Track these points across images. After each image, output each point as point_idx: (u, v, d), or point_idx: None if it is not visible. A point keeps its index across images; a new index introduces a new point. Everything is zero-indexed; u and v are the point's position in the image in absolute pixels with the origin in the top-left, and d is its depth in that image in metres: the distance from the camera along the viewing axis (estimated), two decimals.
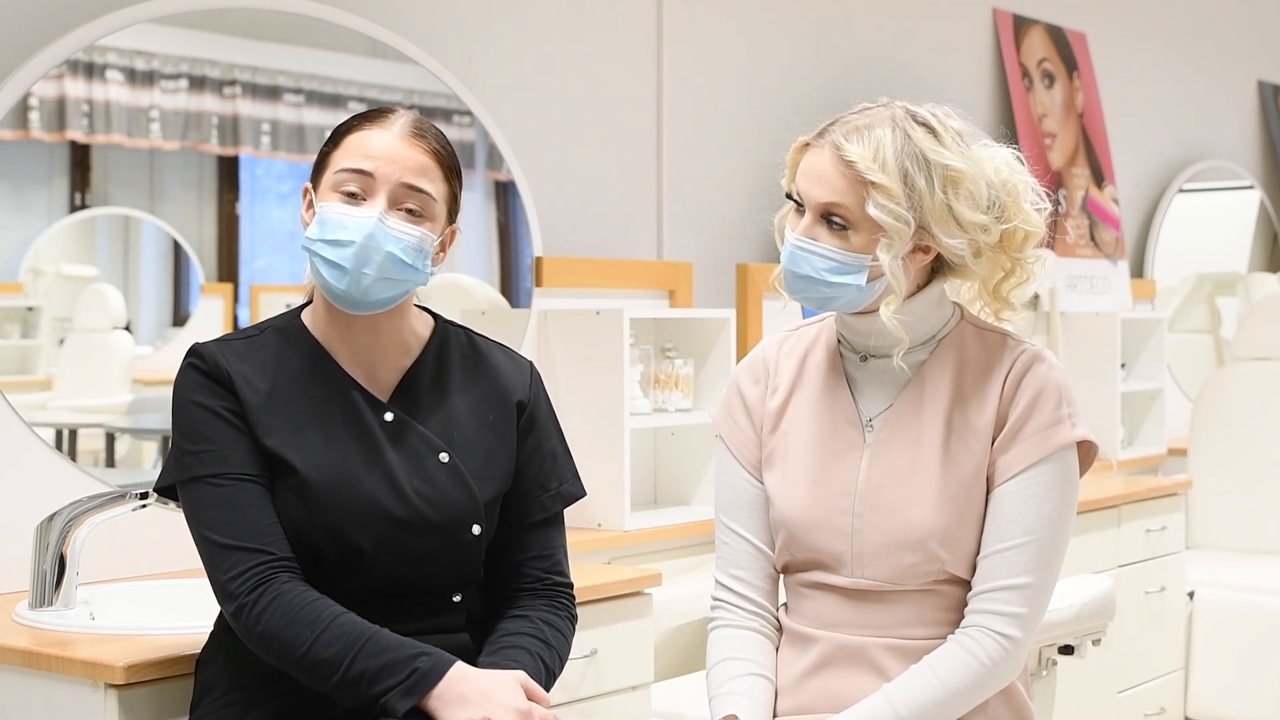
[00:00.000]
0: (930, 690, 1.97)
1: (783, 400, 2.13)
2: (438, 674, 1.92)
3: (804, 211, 2.02)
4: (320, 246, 1.99)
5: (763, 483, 2.13)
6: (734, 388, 2.18)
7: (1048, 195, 2.06)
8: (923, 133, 1.98)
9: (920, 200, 1.95)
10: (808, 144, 2.05)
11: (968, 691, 1.98)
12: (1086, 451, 2.06)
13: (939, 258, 2.03)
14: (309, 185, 2.06)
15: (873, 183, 1.95)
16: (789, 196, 2.06)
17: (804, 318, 2.31)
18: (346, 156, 2.02)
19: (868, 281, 1.99)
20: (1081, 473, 2.06)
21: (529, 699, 1.94)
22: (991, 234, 1.99)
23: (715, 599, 2.15)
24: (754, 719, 2.02)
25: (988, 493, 2.03)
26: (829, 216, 1.99)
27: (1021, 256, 2.04)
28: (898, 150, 1.96)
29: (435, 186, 2.04)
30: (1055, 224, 5.03)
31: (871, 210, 1.95)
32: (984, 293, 2.08)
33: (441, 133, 2.10)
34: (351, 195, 2.01)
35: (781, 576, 2.15)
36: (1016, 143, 2.11)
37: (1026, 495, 1.99)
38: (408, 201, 2.02)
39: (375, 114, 2.06)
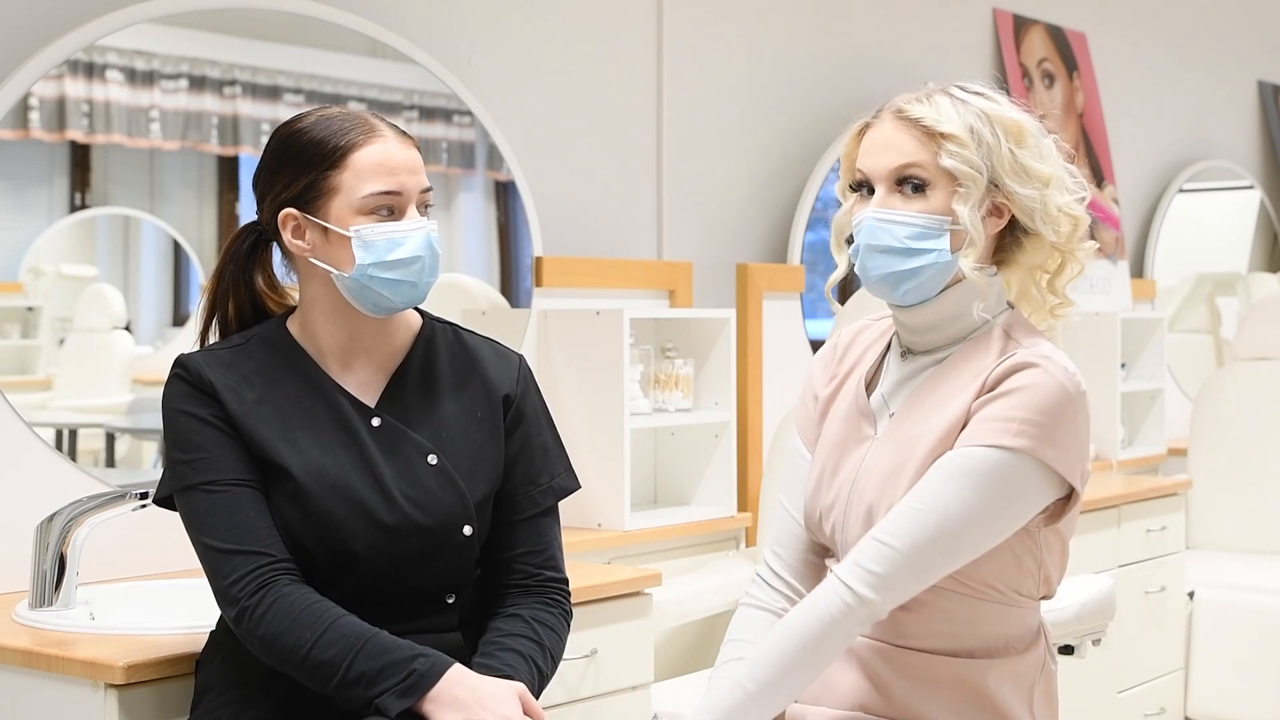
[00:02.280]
0: (769, 653, 1.93)
1: (834, 390, 2.13)
2: (434, 676, 1.92)
3: (871, 193, 2.00)
4: (378, 270, 2.00)
5: None
6: (809, 369, 2.21)
7: (1083, 183, 2.06)
8: (978, 98, 2.01)
9: (989, 153, 1.97)
10: (867, 124, 2.04)
11: (809, 644, 1.90)
12: (1071, 498, 1.95)
13: (998, 245, 2.02)
14: (295, 211, 2.03)
15: (943, 134, 1.96)
16: (852, 188, 2.04)
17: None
18: (368, 179, 2.00)
19: (951, 251, 1.96)
20: (1066, 514, 1.97)
21: (525, 712, 1.94)
22: (1060, 190, 1.99)
23: (756, 574, 2.16)
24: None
25: None
26: (904, 181, 1.98)
27: (1072, 247, 2.03)
28: (960, 110, 1.98)
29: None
30: None
31: (945, 161, 1.95)
32: (1036, 288, 2.05)
33: None
34: (389, 212, 2.02)
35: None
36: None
37: (942, 469, 1.92)
38: (425, 201, 2.06)
39: (355, 123, 2.04)
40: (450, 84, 3.32)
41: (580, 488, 2.23)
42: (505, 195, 3.54)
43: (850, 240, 2.03)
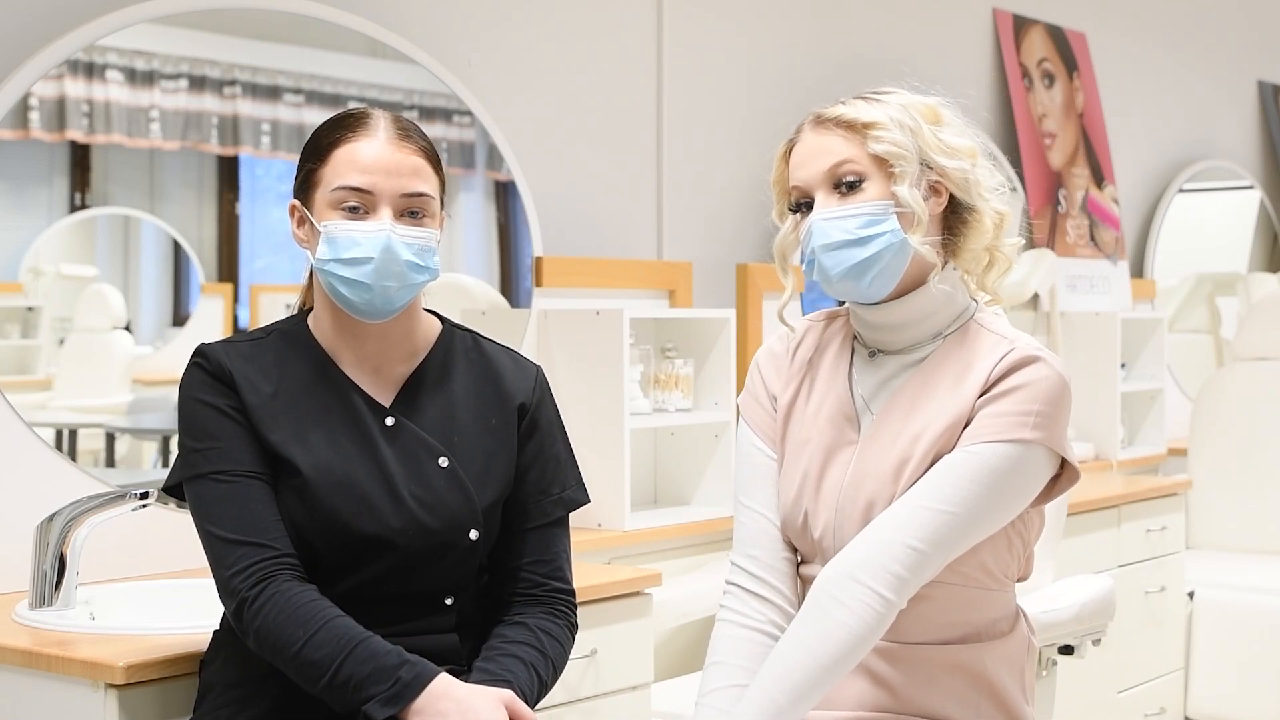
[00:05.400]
0: (800, 665, 1.92)
1: (795, 392, 2.13)
2: (419, 686, 1.91)
3: (810, 208, 2.03)
4: (335, 267, 2.00)
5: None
6: (754, 368, 2.19)
7: (1011, 183, 2.08)
8: (889, 94, 2.06)
9: (913, 135, 2.00)
10: (791, 143, 2.08)
11: (844, 655, 1.92)
12: (1069, 473, 2.01)
13: (946, 229, 2.04)
14: (297, 202, 2.06)
15: (865, 124, 2.00)
16: (793, 210, 2.07)
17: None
18: (340, 174, 2.00)
19: (898, 229, 1.98)
20: (1056, 492, 2.02)
21: (513, 718, 1.94)
22: (979, 165, 2.04)
23: (728, 583, 2.11)
24: None
25: None
26: (839, 181, 2.01)
27: (997, 244, 2.06)
28: (875, 105, 2.03)
29: (430, 185, 2.05)
30: (1055, 224, 5.04)
31: (874, 148, 1.99)
32: (968, 286, 2.09)
33: (418, 125, 2.10)
34: (354, 209, 2.01)
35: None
36: (1017, 143, 2.13)
37: (963, 469, 1.95)
38: (410, 206, 2.03)
39: (353, 120, 2.04)
40: (450, 84, 3.32)
41: (590, 502, 2.22)
42: (505, 195, 3.54)
43: (801, 260, 2.05)
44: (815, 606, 1.95)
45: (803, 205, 2.05)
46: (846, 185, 2.01)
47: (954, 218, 2.06)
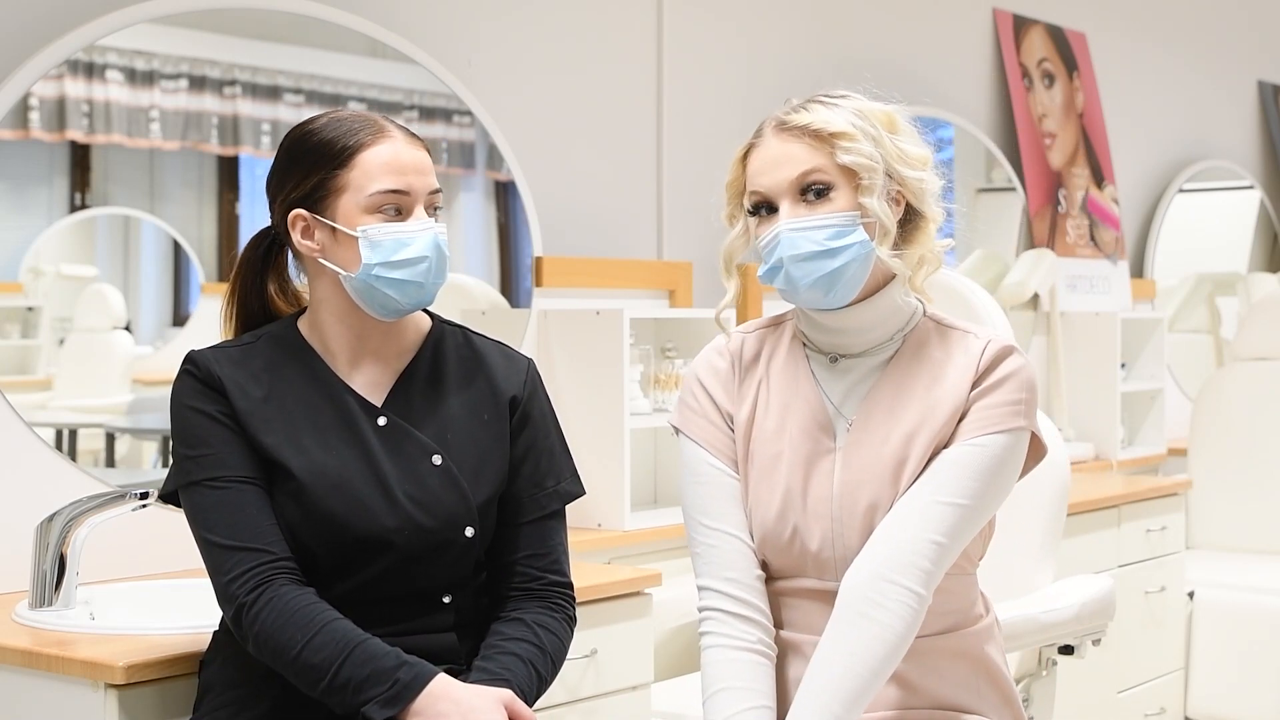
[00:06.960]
0: (850, 676, 1.92)
1: (751, 408, 2.09)
2: (418, 686, 1.92)
3: (773, 211, 2.01)
4: (384, 270, 2.00)
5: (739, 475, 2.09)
6: (696, 385, 2.13)
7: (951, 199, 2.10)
8: (844, 99, 2.05)
9: (876, 144, 2.00)
10: (750, 146, 2.05)
11: (890, 656, 1.94)
12: (1036, 451, 2.05)
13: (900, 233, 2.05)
14: (303, 211, 2.04)
15: (832, 133, 1.98)
16: (751, 213, 2.03)
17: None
18: (374, 178, 2.01)
19: (866, 239, 1.98)
20: (1026, 470, 2.06)
21: (513, 718, 1.94)
22: (930, 172, 2.04)
23: (706, 609, 2.05)
24: None
25: None
26: (806, 189, 1.99)
27: (930, 246, 2.06)
28: (836, 111, 2.02)
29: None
30: (1055, 224, 5.04)
31: (843, 158, 1.97)
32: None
33: None
34: (397, 212, 2.02)
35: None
36: (1017, 143, 2.13)
37: (970, 463, 1.98)
38: (433, 203, 2.06)
39: (364, 124, 2.04)
40: (450, 84, 3.32)
41: (585, 494, 2.21)
42: (505, 195, 3.54)
43: (765, 268, 2.03)
44: (853, 613, 1.95)
45: (761, 209, 2.02)
46: (815, 193, 1.99)
47: (906, 224, 2.05)
